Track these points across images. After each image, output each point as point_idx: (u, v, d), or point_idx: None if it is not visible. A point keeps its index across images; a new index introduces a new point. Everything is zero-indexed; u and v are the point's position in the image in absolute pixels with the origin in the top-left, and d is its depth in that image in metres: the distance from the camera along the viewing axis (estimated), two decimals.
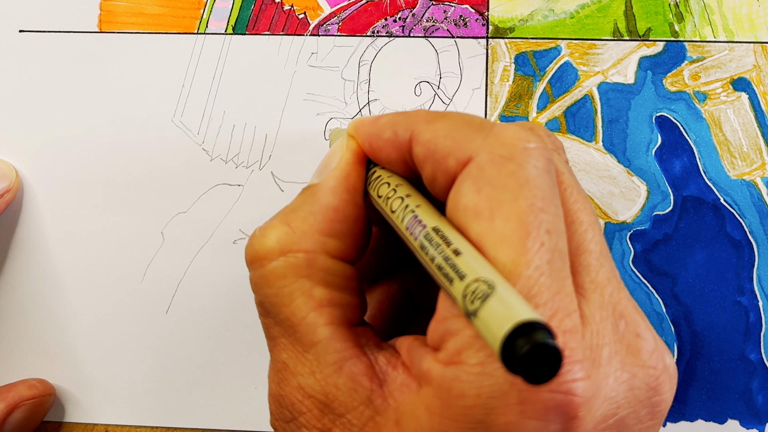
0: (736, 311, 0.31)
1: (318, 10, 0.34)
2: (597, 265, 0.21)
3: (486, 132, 0.21)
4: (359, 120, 0.25)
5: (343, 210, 0.23)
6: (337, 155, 0.24)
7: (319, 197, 0.23)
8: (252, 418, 0.32)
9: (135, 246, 0.33)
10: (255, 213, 0.33)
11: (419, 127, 0.22)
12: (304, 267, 0.22)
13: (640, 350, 0.21)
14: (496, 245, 0.19)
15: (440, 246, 0.20)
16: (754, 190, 0.32)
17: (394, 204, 0.22)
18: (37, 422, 0.32)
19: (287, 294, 0.22)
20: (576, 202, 0.22)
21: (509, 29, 0.33)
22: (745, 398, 0.31)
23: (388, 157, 0.23)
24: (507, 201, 0.19)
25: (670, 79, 0.33)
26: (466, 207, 0.20)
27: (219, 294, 0.33)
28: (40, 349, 0.33)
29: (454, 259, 0.19)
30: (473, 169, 0.20)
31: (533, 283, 0.19)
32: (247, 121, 0.33)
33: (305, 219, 0.23)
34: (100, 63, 0.34)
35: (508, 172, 0.20)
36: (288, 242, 0.22)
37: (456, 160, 0.21)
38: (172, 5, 0.35)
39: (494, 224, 0.19)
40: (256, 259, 0.23)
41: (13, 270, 0.34)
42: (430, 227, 0.21)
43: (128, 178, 0.34)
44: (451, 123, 0.22)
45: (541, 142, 0.21)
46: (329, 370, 0.22)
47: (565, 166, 0.23)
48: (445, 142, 0.21)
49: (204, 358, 0.33)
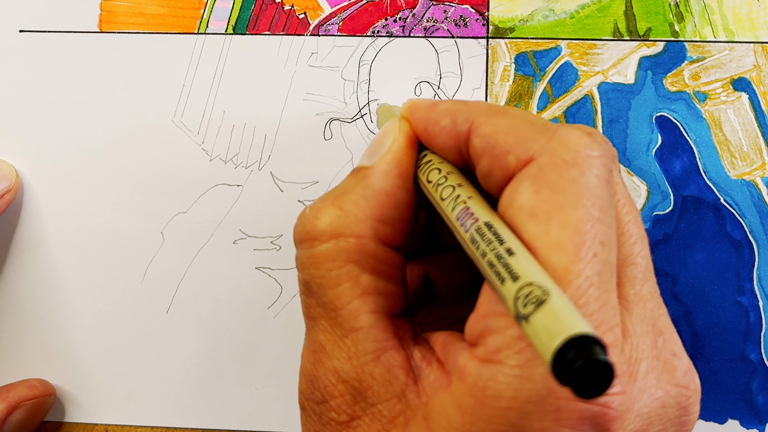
0: (736, 311, 0.31)
1: (318, 10, 0.34)
2: (642, 279, 0.21)
3: (550, 134, 0.21)
4: (415, 102, 0.24)
5: (395, 195, 0.23)
6: (390, 138, 0.24)
7: (371, 181, 0.23)
8: (252, 418, 0.32)
9: (135, 246, 0.33)
10: (254, 213, 0.33)
11: (480, 120, 0.22)
12: (354, 252, 0.22)
13: (675, 369, 0.21)
14: (549, 249, 0.19)
15: (492, 243, 0.19)
16: (754, 190, 0.32)
17: (445, 192, 0.22)
18: (37, 422, 0.32)
19: (334, 277, 0.22)
20: (627, 214, 0.22)
21: (509, 29, 0.33)
22: (745, 398, 0.31)
23: (443, 144, 0.23)
24: (566, 206, 0.19)
25: (671, 79, 0.33)
26: (522, 206, 0.20)
27: (219, 294, 0.33)
28: (40, 349, 0.33)
29: (507, 259, 0.19)
30: (534, 170, 0.20)
31: (582, 293, 0.19)
32: (246, 121, 0.33)
33: (357, 203, 0.23)
34: (100, 63, 0.34)
35: (569, 178, 0.20)
36: (340, 226, 0.22)
37: (517, 158, 0.21)
38: (172, 5, 0.35)
39: (550, 228, 0.19)
40: (307, 239, 0.23)
41: (13, 270, 0.34)
42: (482, 221, 0.20)
43: (128, 178, 0.34)
44: (514, 120, 0.21)
45: (602, 150, 0.21)
46: (367, 358, 0.21)
47: (619, 176, 0.23)
48: (506, 139, 0.21)
49: (204, 358, 0.33)
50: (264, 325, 0.33)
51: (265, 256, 0.33)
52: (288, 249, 0.33)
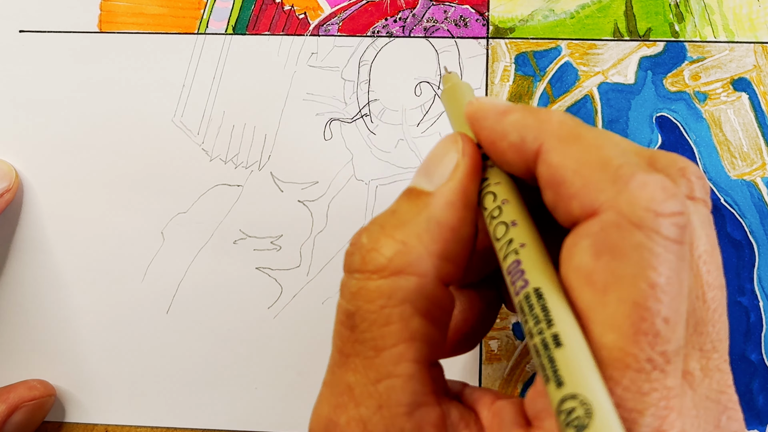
0: (737, 311, 0.31)
1: (318, 11, 0.34)
2: (711, 350, 0.20)
3: (620, 185, 0.18)
4: (481, 107, 0.22)
5: (460, 230, 0.21)
6: (452, 158, 0.21)
7: (434, 213, 0.21)
8: (252, 418, 0.32)
9: (135, 246, 0.33)
10: (254, 213, 0.33)
11: (550, 144, 0.20)
12: (413, 292, 0.20)
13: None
14: (604, 326, 0.17)
15: (540, 324, 0.18)
16: (754, 190, 0.32)
17: (498, 230, 0.20)
18: (38, 423, 0.32)
19: (385, 315, 0.20)
20: (709, 274, 0.20)
21: (509, 29, 0.33)
22: (746, 399, 0.31)
23: (510, 161, 0.21)
24: (626, 277, 0.17)
25: (671, 79, 0.33)
26: (579, 269, 0.18)
27: (219, 294, 0.33)
28: (41, 349, 0.33)
29: (553, 352, 0.17)
30: (596, 227, 0.18)
31: (640, 380, 0.17)
32: (246, 121, 0.33)
33: (420, 237, 0.20)
34: (100, 63, 0.34)
35: (633, 243, 0.17)
36: (402, 262, 0.20)
37: (581, 206, 0.19)
38: (172, 5, 0.35)
39: (606, 300, 0.17)
40: (364, 271, 0.20)
41: (13, 270, 0.34)
42: (531, 287, 0.19)
43: (128, 178, 0.34)
44: (584, 155, 0.19)
45: (678, 204, 0.18)
46: (399, 411, 0.19)
47: (704, 229, 0.20)
48: (573, 179, 0.19)
49: (204, 358, 0.33)
50: (264, 325, 0.33)
51: (265, 256, 0.33)
52: (288, 249, 0.33)
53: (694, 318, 0.19)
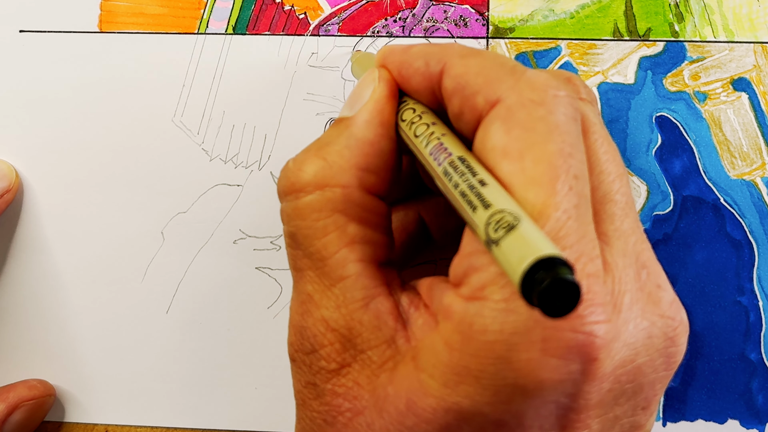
0: (736, 311, 0.31)
1: (318, 11, 0.34)
2: (622, 215, 0.22)
3: (518, 75, 0.21)
4: (389, 47, 0.24)
5: (378, 144, 0.23)
6: (369, 87, 0.24)
7: (354, 131, 0.23)
8: (252, 418, 0.32)
9: (135, 246, 0.33)
10: (254, 213, 0.33)
11: (452, 61, 0.22)
12: (340, 202, 0.22)
13: (660, 300, 0.21)
14: (525, 185, 0.19)
15: (465, 174, 0.20)
16: (754, 190, 0.32)
17: (419, 129, 0.22)
18: (37, 423, 0.32)
19: (321, 227, 0.22)
20: (605, 153, 0.22)
21: (509, 29, 0.33)
22: (745, 398, 0.31)
23: (417, 86, 0.23)
24: (537, 143, 0.19)
25: (670, 79, 0.33)
26: (494, 146, 0.20)
27: (219, 294, 0.33)
28: (40, 349, 0.33)
29: (480, 189, 0.19)
30: (502, 111, 0.20)
31: (561, 226, 0.19)
32: (246, 121, 0.33)
33: (341, 153, 0.23)
34: (100, 63, 0.34)
35: (537, 116, 0.20)
36: (325, 176, 0.22)
37: (485, 98, 0.21)
38: (172, 5, 0.35)
39: (524, 165, 0.19)
40: (292, 191, 0.23)
41: (13, 270, 0.34)
42: (455, 155, 0.21)
43: (128, 178, 0.34)
44: (484, 61, 0.22)
45: (570, 91, 0.21)
46: (355, 306, 0.22)
47: (596, 118, 0.23)
48: (476, 80, 0.21)
49: (204, 358, 0.33)
50: (264, 325, 0.33)
51: (265, 256, 0.33)
52: None
53: (600, 190, 0.22)
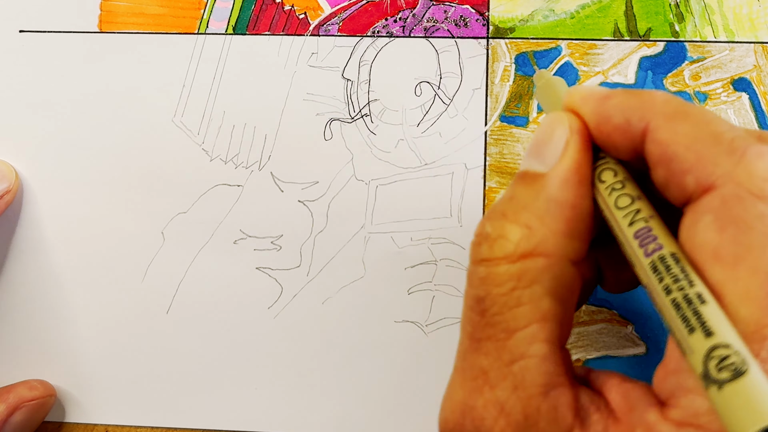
0: None
1: (318, 11, 0.34)
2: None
3: (736, 157, 0.18)
4: (583, 92, 0.22)
5: (580, 206, 0.21)
6: (561, 137, 0.21)
7: (552, 193, 0.21)
8: (252, 418, 0.32)
9: (135, 246, 0.33)
10: (255, 213, 0.33)
11: (657, 122, 0.20)
12: (541, 272, 0.20)
13: None
14: (739, 299, 0.17)
15: (680, 282, 0.18)
16: None
17: (621, 201, 0.20)
18: (38, 423, 0.32)
19: (515, 297, 0.20)
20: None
21: (510, 29, 0.33)
22: None
23: (616, 144, 0.21)
24: (754, 249, 0.17)
25: (671, 79, 0.33)
26: (704, 245, 0.18)
27: (219, 294, 0.33)
28: (41, 349, 0.33)
29: (698, 306, 0.17)
30: (716, 202, 0.18)
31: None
32: (246, 122, 0.33)
33: (542, 219, 0.20)
34: (100, 63, 0.34)
35: (757, 214, 0.17)
36: (529, 246, 0.20)
37: (696, 181, 0.18)
38: (172, 5, 0.35)
39: (738, 274, 0.17)
40: (492, 259, 0.21)
41: (13, 270, 0.34)
42: (667, 251, 0.18)
43: (128, 178, 0.34)
44: (695, 131, 0.19)
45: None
46: (535, 391, 0.19)
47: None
48: (686, 154, 0.19)
49: (204, 358, 0.33)
50: (264, 325, 0.33)
51: (266, 256, 0.33)
52: (288, 249, 0.33)
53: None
